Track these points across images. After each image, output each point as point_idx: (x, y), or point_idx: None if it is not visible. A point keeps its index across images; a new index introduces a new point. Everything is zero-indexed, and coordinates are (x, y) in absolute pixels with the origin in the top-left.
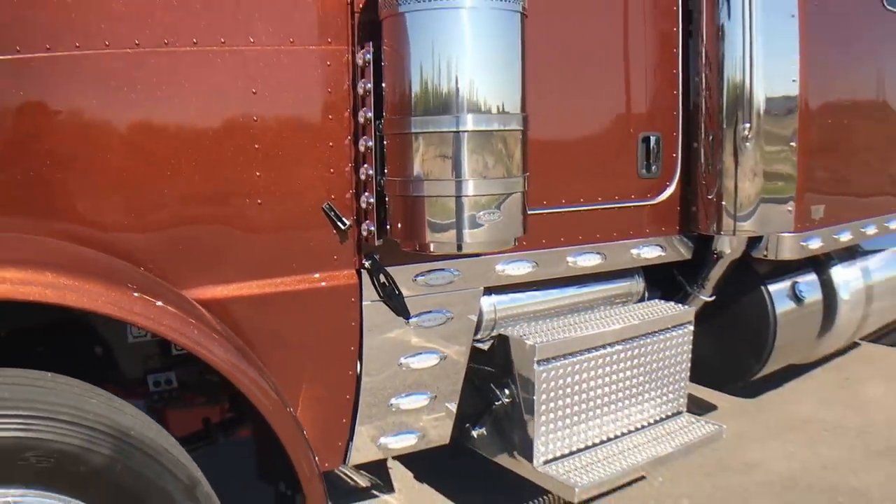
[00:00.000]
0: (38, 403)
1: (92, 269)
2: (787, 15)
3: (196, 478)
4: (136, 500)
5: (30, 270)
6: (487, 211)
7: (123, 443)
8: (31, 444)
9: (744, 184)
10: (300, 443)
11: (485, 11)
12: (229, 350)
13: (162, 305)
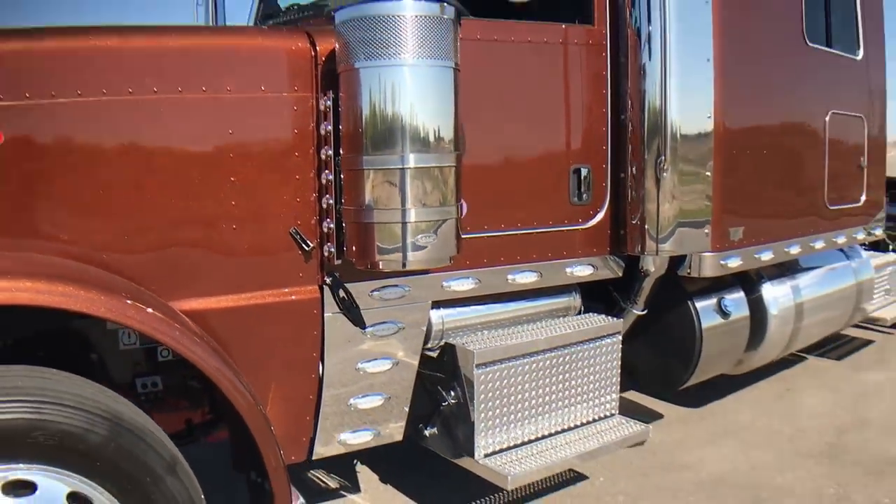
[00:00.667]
0: (46, 391)
1: (96, 282)
2: (703, 59)
3: (177, 457)
4: (127, 474)
5: (45, 281)
6: (426, 234)
7: (117, 425)
8: (40, 425)
9: (663, 209)
10: (269, 438)
11: (423, 68)
12: (210, 353)
13: (153, 313)
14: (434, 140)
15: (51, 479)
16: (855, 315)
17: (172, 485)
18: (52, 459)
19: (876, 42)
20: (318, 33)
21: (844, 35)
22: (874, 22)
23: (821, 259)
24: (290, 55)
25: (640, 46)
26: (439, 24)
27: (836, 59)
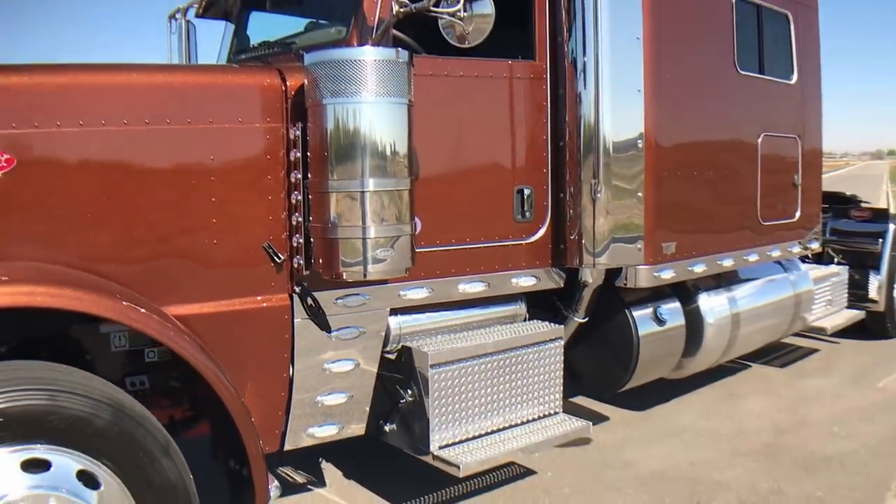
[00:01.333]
0: (59, 382)
1: (101, 288)
2: (634, 90)
3: (170, 441)
4: (127, 454)
5: (57, 286)
6: (385, 249)
7: (119, 412)
8: (55, 411)
9: (598, 226)
10: (249, 427)
11: (381, 105)
12: (200, 352)
13: (152, 316)
14: (390, 166)
15: (63, 458)
16: (794, 325)
17: (166, 465)
18: (64, 441)
19: (811, 66)
20: (288, 70)
21: (778, 61)
22: (809, 47)
23: (759, 272)
24: (264, 90)
25: (576, 78)
26: (395, 66)
27: (769, 85)
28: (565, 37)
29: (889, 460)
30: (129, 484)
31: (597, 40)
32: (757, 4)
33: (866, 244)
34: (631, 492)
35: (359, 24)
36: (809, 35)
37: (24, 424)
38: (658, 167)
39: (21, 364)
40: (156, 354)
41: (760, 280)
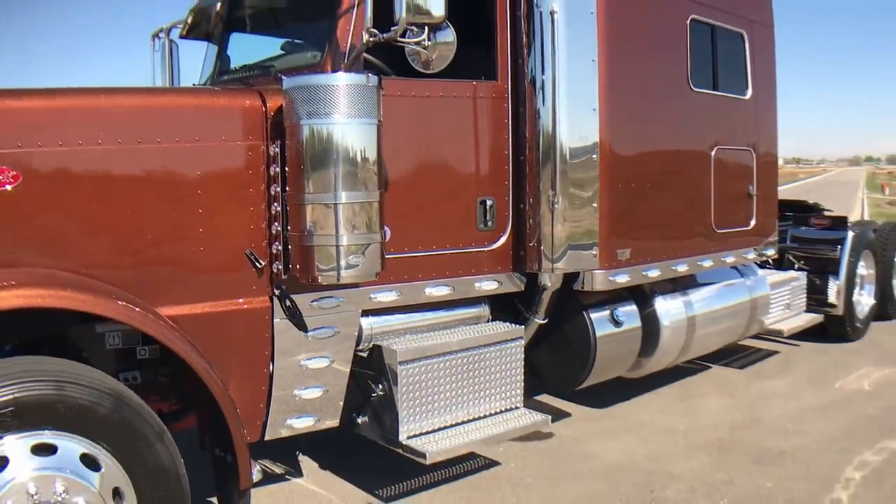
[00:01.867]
0: (65, 373)
1: (101, 291)
2: (589, 108)
3: (163, 428)
4: (126, 439)
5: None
6: (356, 255)
7: (119, 401)
8: (62, 400)
9: (556, 234)
10: (235, 417)
11: (352, 125)
12: (190, 347)
13: (151, 316)
14: (361, 180)
15: (68, 443)
16: (751, 328)
17: (160, 449)
18: (69, 427)
19: (765, 82)
20: (268, 92)
21: (733, 77)
22: (764, 64)
23: (716, 277)
24: (246, 111)
25: (535, 97)
26: (364, 90)
27: (722, 101)
28: (525, 59)
29: (839, 455)
30: (126, 466)
31: (554, 62)
32: (712, 25)
33: (826, 251)
34: (589, 481)
35: (332, 50)
36: (764, 52)
37: (34, 412)
38: (612, 179)
39: (31, 358)
40: (147, 352)
41: (717, 285)
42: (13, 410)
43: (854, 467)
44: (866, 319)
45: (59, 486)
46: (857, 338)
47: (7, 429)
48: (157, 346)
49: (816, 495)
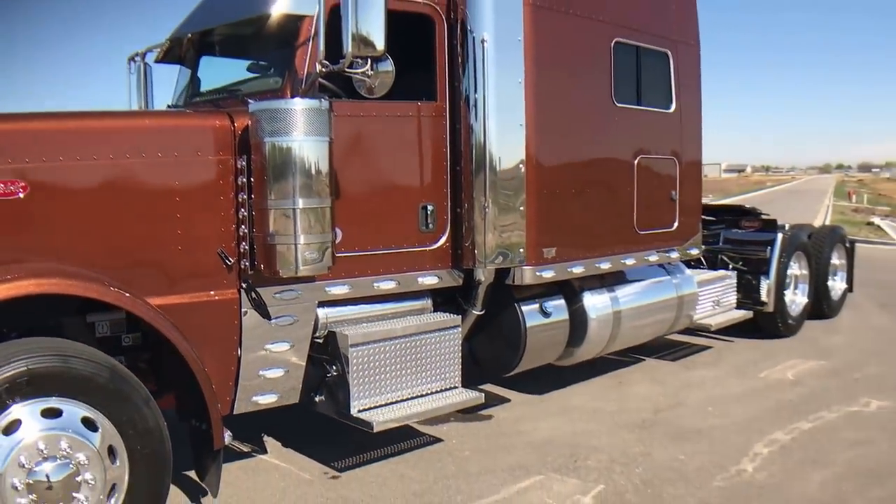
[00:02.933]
0: (69, 349)
1: (101, 281)
2: (516, 124)
3: (149, 395)
4: (119, 404)
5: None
6: (311, 252)
7: (113, 372)
8: (67, 371)
9: (488, 235)
10: (210, 388)
11: (308, 142)
12: (174, 328)
13: (145, 303)
14: (315, 189)
15: (71, 407)
16: (679, 322)
17: (147, 413)
18: (73, 394)
19: (690, 96)
20: (236, 113)
21: (657, 93)
22: (689, 80)
23: (644, 274)
24: (216, 130)
25: (469, 115)
26: (318, 112)
27: (646, 114)
28: (460, 81)
29: (752, 434)
30: (119, 427)
31: (485, 84)
32: (636, 46)
33: (757, 252)
34: (521, 453)
35: (291, 77)
36: (689, 69)
37: (44, 381)
38: (538, 186)
39: (40, 338)
40: (130, 340)
41: (645, 282)
42: (27, 380)
43: (763, 444)
44: (799, 317)
45: (63, 444)
46: (789, 334)
47: (21, 395)
48: (140, 334)
49: (724, 466)
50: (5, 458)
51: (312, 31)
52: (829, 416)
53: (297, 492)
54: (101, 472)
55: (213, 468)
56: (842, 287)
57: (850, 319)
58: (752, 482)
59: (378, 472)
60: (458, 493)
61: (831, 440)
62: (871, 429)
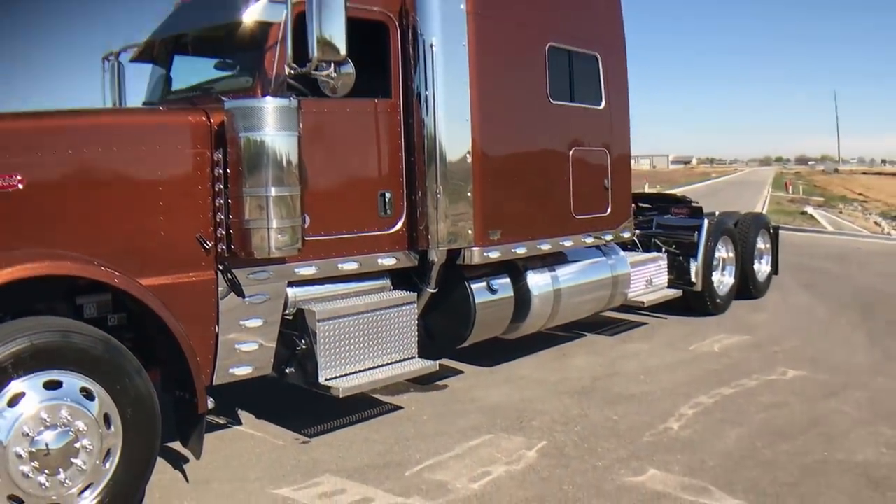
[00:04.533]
0: (69, 325)
1: (95, 264)
2: (462, 118)
3: (140, 366)
4: (114, 375)
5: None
6: (282, 235)
7: (108, 344)
8: (67, 345)
9: (440, 220)
10: (194, 357)
11: (278, 137)
12: (161, 306)
13: (142, 285)
14: (285, 178)
15: (71, 379)
16: (614, 299)
17: (139, 382)
18: (71, 366)
19: (618, 94)
20: (212, 110)
21: (588, 91)
22: (617, 79)
23: (582, 256)
24: (195, 125)
25: (420, 111)
26: (287, 110)
27: (578, 110)
28: (412, 81)
29: (679, 398)
30: (114, 396)
31: (434, 84)
32: (568, 50)
33: (686, 236)
34: (473, 416)
35: (261, 77)
36: (616, 70)
37: (45, 355)
38: (483, 175)
39: (42, 316)
40: (116, 320)
41: (582, 262)
42: (30, 355)
43: (689, 406)
44: (727, 297)
45: (64, 413)
46: (718, 312)
47: (24, 369)
48: (125, 315)
49: (653, 424)
50: (9, 428)
51: (280, 36)
52: (749, 384)
53: (272, 456)
54: (98, 438)
55: (196, 433)
56: (767, 270)
57: (774, 299)
58: (676, 438)
59: (345, 437)
60: (417, 451)
61: (749, 403)
62: (785, 394)
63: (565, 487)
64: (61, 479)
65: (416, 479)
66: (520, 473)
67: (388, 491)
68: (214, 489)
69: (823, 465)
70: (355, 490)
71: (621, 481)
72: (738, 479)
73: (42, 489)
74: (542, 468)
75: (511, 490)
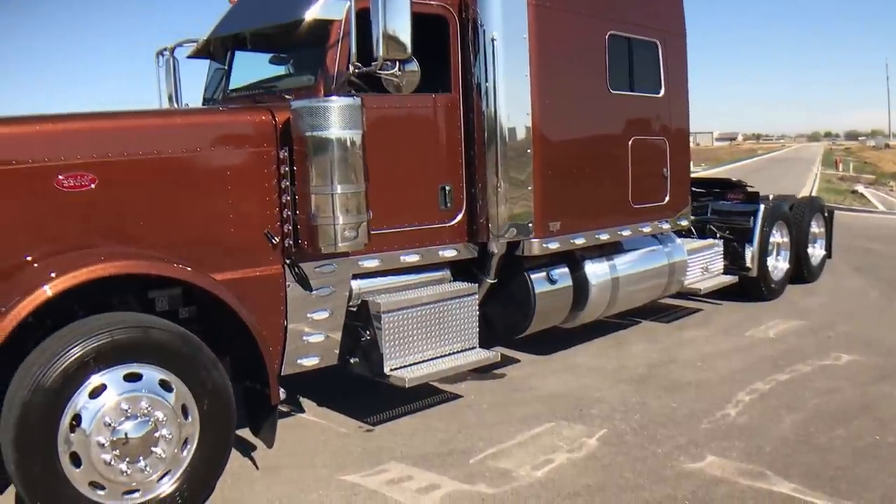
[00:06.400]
0: (149, 321)
1: (173, 262)
2: (523, 112)
3: (216, 359)
4: (191, 368)
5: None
6: (349, 230)
7: (185, 338)
8: (147, 339)
9: (500, 212)
10: (268, 352)
11: (344, 134)
12: (233, 298)
13: (217, 280)
14: (351, 175)
15: (150, 371)
16: (671, 287)
17: (215, 375)
18: (151, 359)
19: (678, 82)
20: (276, 109)
21: (648, 79)
22: (676, 67)
23: (639, 244)
24: (261, 124)
25: (480, 102)
26: (352, 108)
27: (638, 100)
28: (473, 75)
29: (735, 384)
30: (191, 387)
31: (495, 78)
32: (628, 38)
33: (741, 221)
34: (532, 405)
35: (323, 75)
36: (677, 57)
37: (127, 349)
38: (543, 167)
39: (121, 312)
40: (186, 313)
41: (639, 251)
42: (112, 350)
43: (746, 392)
44: (782, 282)
45: (144, 404)
46: (772, 298)
47: (107, 363)
48: (195, 308)
49: (710, 411)
50: (92, 418)
51: (341, 34)
52: (803, 369)
53: (337, 443)
54: (177, 427)
55: (268, 423)
56: (821, 254)
57: (827, 283)
58: (733, 424)
59: (407, 425)
60: (479, 439)
61: (804, 389)
62: (839, 379)
63: (626, 474)
64: (141, 467)
65: (480, 466)
66: (581, 461)
67: (453, 478)
68: (284, 475)
69: (875, 449)
70: (421, 477)
71: (681, 468)
72: (793, 464)
73: (123, 476)
74: (603, 455)
75: (573, 477)
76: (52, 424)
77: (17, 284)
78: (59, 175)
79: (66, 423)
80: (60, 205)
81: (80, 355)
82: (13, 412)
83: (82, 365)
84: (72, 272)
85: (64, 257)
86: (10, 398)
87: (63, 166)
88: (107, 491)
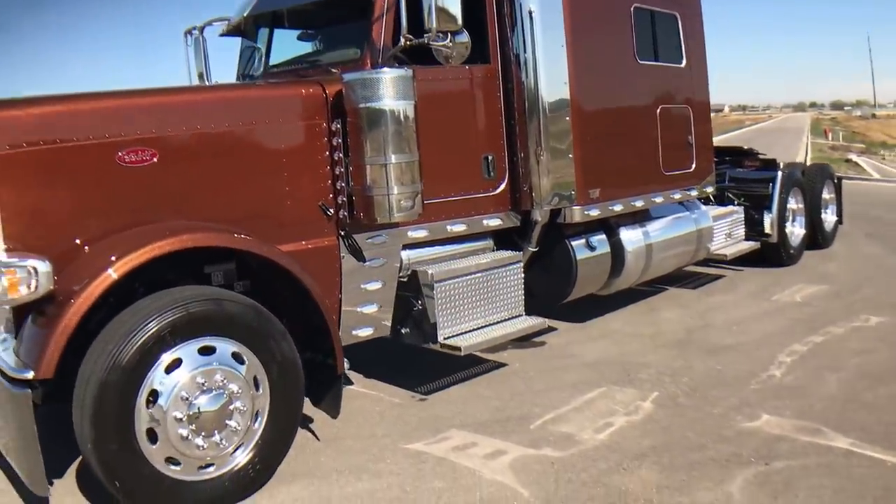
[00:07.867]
0: (221, 294)
1: (239, 234)
2: (561, 81)
3: (285, 331)
4: (262, 340)
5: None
6: (404, 200)
7: (256, 310)
8: (220, 312)
9: (542, 180)
10: (333, 321)
11: (398, 105)
12: (298, 266)
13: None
14: (405, 145)
15: (223, 344)
16: (699, 253)
17: (285, 347)
18: (224, 332)
19: (697, 53)
20: (326, 82)
21: (670, 50)
22: (695, 39)
23: (667, 211)
24: (312, 97)
25: (520, 73)
26: (404, 80)
27: (663, 69)
28: (511, 46)
29: (774, 346)
30: (262, 360)
31: (534, 48)
32: (651, 10)
33: (759, 188)
34: (578, 371)
35: (369, 48)
36: (695, 29)
37: (201, 323)
38: (582, 136)
39: (194, 286)
40: (241, 286)
41: (669, 218)
42: (186, 323)
43: (786, 354)
44: (799, 247)
45: (218, 376)
46: (791, 263)
47: (182, 336)
48: (249, 282)
49: (756, 372)
50: (169, 393)
51: (385, 7)
52: (836, 331)
53: (394, 413)
54: (250, 400)
55: (332, 393)
56: (833, 220)
57: (842, 248)
58: (781, 384)
59: (458, 394)
60: (534, 406)
61: (841, 350)
62: (872, 340)
63: (688, 434)
64: (217, 440)
65: (542, 431)
66: (640, 423)
67: (517, 443)
68: (348, 446)
69: None
70: (486, 443)
71: (739, 427)
72: (846, 420)
73: (199, 450)
74: (661, 418)
75: (637, 439)
76: (130, 401)
77: (85, 263)
78: (119, 151)
79: (143, 399)
80: (122, 181)
81: (156, 330)
82: (90, 391)
83: (159, 340)
84: (141, 248)
85: (130, 233)
86: (84, 376)
87: (123, 142)
88: (182, 466)
